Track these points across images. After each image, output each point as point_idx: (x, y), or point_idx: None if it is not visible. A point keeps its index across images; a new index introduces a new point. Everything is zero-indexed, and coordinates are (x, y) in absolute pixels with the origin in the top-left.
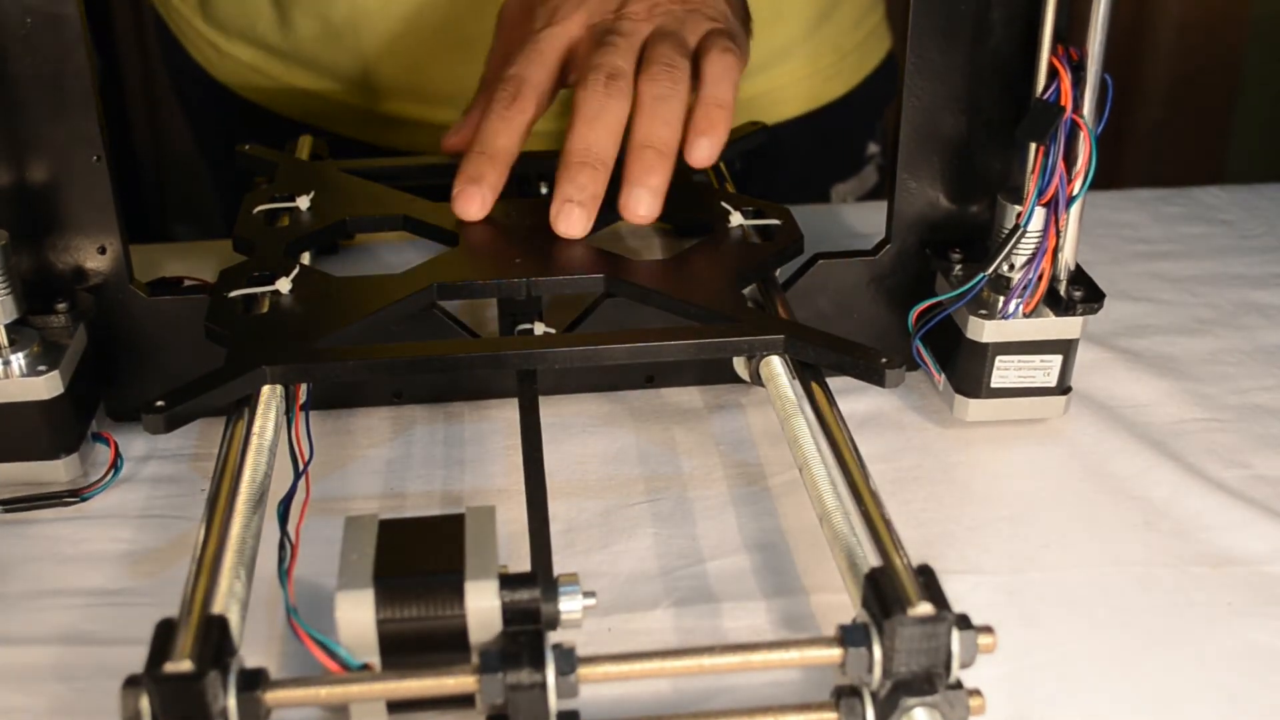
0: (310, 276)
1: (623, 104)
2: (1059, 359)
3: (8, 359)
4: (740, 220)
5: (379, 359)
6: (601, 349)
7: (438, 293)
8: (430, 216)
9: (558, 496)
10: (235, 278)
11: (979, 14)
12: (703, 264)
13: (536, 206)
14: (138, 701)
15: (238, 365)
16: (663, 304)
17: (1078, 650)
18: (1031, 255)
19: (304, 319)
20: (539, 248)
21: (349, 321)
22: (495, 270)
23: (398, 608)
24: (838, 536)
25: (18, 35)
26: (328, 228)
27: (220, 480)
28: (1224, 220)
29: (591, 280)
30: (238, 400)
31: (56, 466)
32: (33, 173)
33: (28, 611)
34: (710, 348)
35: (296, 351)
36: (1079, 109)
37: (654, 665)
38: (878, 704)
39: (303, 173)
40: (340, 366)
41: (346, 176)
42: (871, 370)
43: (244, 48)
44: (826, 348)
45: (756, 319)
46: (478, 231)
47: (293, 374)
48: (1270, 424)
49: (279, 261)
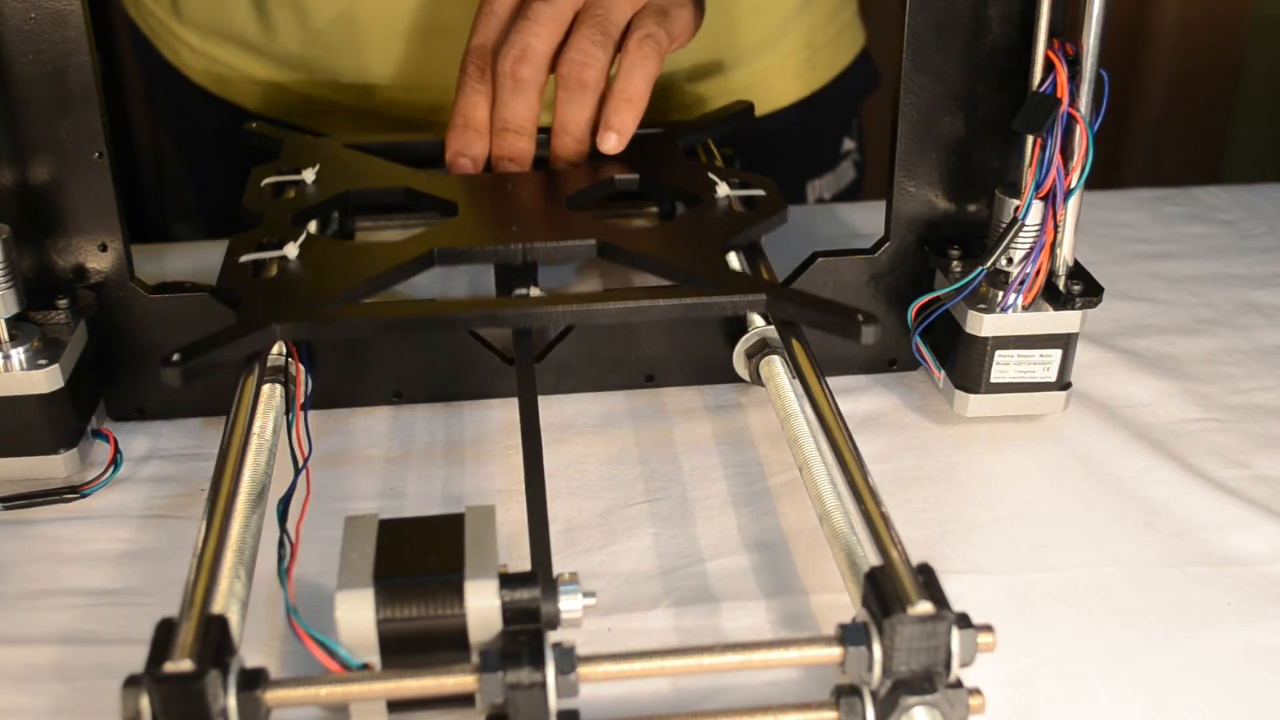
0: (316, 243)
1: (522, 97)
2: (1058, 354)
3: (8, 353)
4: (726, 191)
5: (383, 317)
6: (594, 308)
7: (437, 257)
8: (431, 188)
9: (558, 496)
10: (245, 245)
11: (976, 11)
12: (690, 231)
13: (534, 179)
14: (138, 701)
15: (249, 323)
16: (651, 267)
17: (1078, 650)
18: (1030, 249)
19: (310, 281)
20: (535, 217)
21: (353, 283)
22: (493, 237)
23: (398, 607)
24: (837, 536)
25: (21, 31)
26: (332, 199)
27: (220, 480)
28: (1224, 220)
29: (584, 246)
30: (238, 400)
31: (55, 462)
32: (35, 169)
33: (28, 611)
34: (696, 307)
35: (304, 310)
36: (1075, 102)
37: (654, 665)
38: (878, 703)
39: (307, 148)
40: (346, 324)
41: (350, 151)
42: (848, 327)
43: (220, 46)
44: (806, 306)
45: (740, 280)
46: (477, 202)
47: (300, 330)
48: (1270, 424)
49: (286, 230)
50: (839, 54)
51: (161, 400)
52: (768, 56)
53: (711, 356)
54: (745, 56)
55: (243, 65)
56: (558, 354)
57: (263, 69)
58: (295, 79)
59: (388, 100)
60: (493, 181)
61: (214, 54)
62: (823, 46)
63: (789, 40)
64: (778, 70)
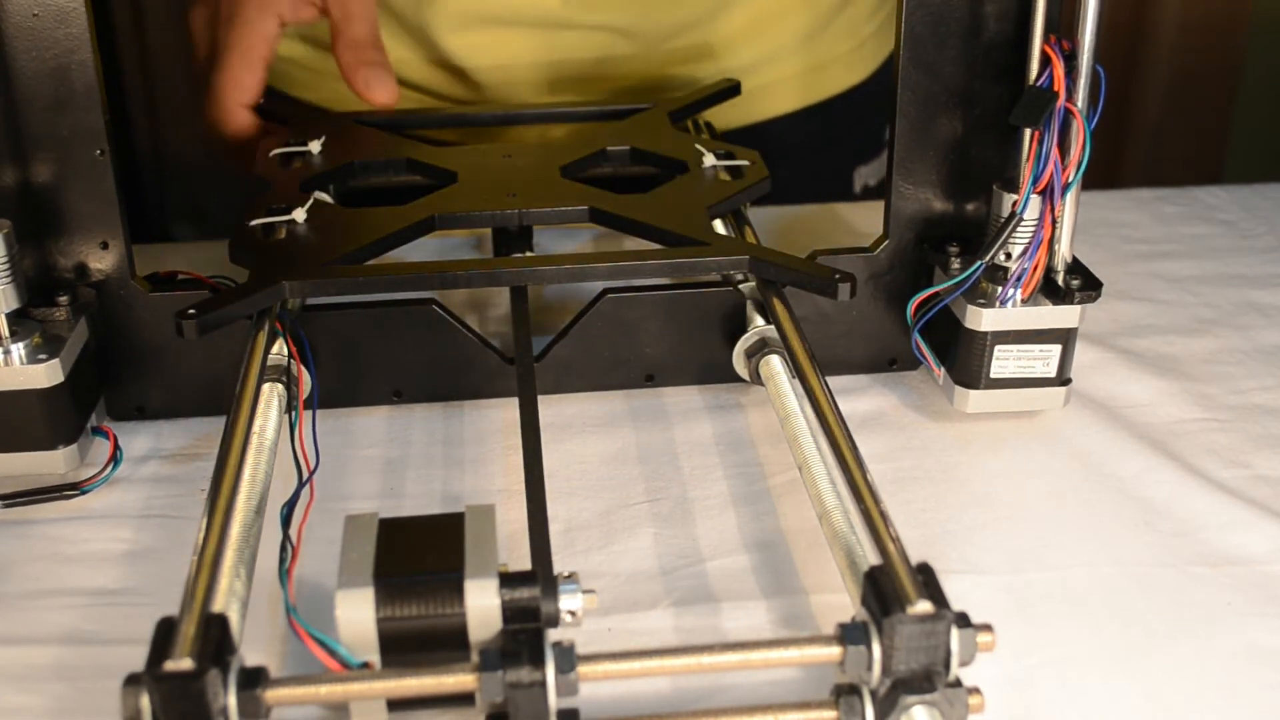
0: (322, 209)
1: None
2: (1058, 349)
3: (8, 349)
4: (713, 161)
5: (385, 274)
6: (586, 267)
7: (437, 222)
8: (431, 158)
9: (558, 496)
10: (255, 210)
11: (972, 8)
12: (677, 197)
13: (530, 151)
14: (138, 700)
15: (260, 280)
16: (639, 231)
17: (1078, 650)
18: (1028, 243)
19: (318, 243)
20: (531, 184)
21: (358, 245)
22: (490, 203)
23: (398, 606)
24: (837, 535)
25: (24, 27)
26: (338, 168)
27: (220, 480)
28: (1224, 220)
29: (577, 211)
30: (238, 400)
31: (55, 458)
32: (36, 166)
33: (28, 611)
34: (683, 267)
35: (311, 268)
36: (1072, 97)
37: (653, 664)
38: (877, 702)
39: (315, 120)
40: (350, 282)
41: (355, 124)
42: (825, 285)
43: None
44: (786, 266)
45: (724, 243)
46: (476, 171)
47: (308, 288)
48: (1270, 424)
49: (294, 196)
50: (882, 46)
51: (161, 399)
52: (790, 61)
53: (711, 356)
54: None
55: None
56: (558, 354)
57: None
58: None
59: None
60: (491, 152)
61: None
62: (868, 37)
63: (818, 46)
64: (808, 68)
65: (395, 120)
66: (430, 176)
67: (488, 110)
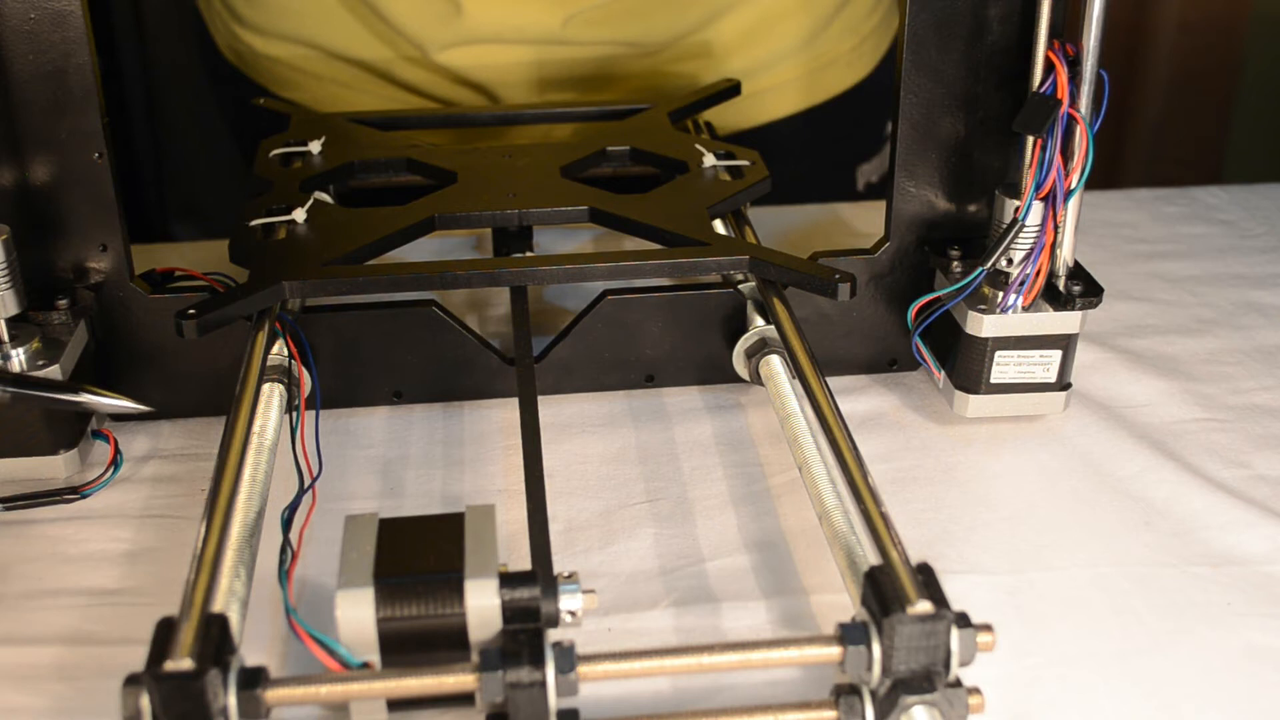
0: (322, 209)
1: None
2: (1058, 354)
3: (8, 353)
4: (713, 161)
5: (386, 275)
6: (586, 267)
7: (437, 222)
8: (431, 158)
9: (558, 496)
10: (255, 210)
11: (976, 11)
12: (678, 197)
13: (531, 151)
14: (138, 700)
15: (260, 280)
16: (639, 231)
17: (1078, 650)
18: (1030, 249)
19: (318, 243)
20: (531, 184)
21: (358, 245)
22: (490, 203)
23: (398, 606)
24: (837, 535)
25: (21, 31)
26: (337, 168)
27: (220, 480)
28: (1224, 220)
29: (577, 211)
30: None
31: (55, 462)
32: (35, 170)
33: (28, 611)
34: (683, 267)
35: (311, 269)
36: (1075, 103)
37: (654, 664)
38: (877, 702)
39: (314, 122)
40: (350, 282)
41: (354, 125)
42: (825, 285)
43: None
44: (786, 266)
45: (724, 243)
46: (476, 171)
47: (308, 288)
48: (1270, 424)
49: (294, 196)
50: (880, 43)
51: (161, 400)
52: (789, 63)
53: (711, 356)
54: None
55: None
56: (558, 354)
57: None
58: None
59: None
60: (491, 153)
61: (277, 55)
62: (868, 34)
63: (835, 29)
64: (807, 70)
65: (395, 120)
66: (430, 177)
67: (488, 110)
